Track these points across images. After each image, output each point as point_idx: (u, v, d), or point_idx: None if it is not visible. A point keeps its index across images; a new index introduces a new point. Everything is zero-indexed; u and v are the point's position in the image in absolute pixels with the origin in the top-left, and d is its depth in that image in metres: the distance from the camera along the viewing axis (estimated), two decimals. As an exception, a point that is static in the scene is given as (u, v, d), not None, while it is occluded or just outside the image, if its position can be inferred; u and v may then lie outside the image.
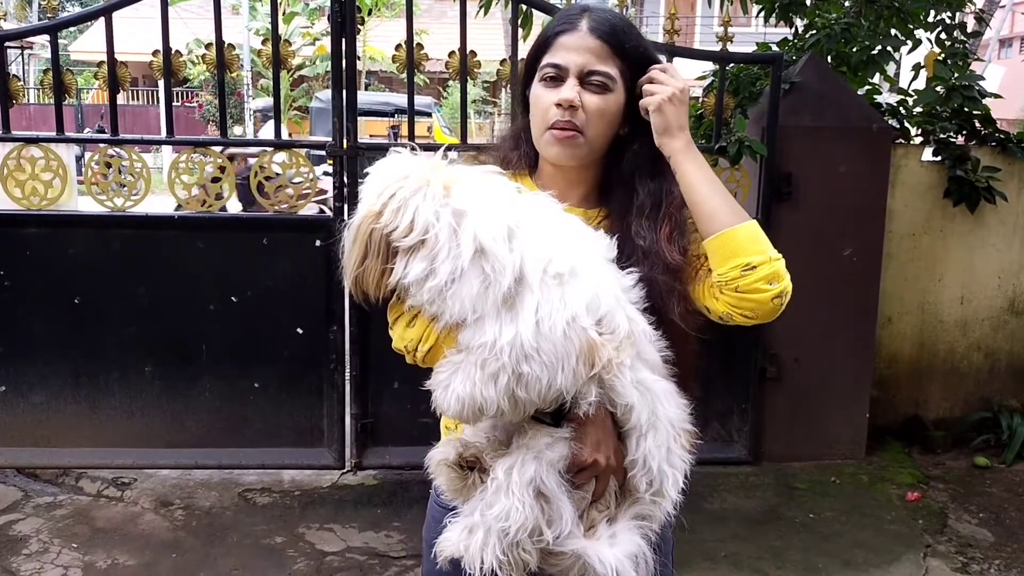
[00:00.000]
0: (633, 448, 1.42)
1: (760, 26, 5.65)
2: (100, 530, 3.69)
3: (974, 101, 4.57)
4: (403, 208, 1.32)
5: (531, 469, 1.35)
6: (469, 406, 1.34)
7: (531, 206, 1.39)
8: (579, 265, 1.35)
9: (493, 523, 1.34)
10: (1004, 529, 3.92)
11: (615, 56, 1.54)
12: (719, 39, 4.12)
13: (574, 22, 1.56)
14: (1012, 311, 4.81)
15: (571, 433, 1.38)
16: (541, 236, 1.35)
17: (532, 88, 1.60)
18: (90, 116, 19.48)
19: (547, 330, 1.29)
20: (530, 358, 1.29)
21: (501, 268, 1.30)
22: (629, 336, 1.38)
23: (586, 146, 1.55)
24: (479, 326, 1.32)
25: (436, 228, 1.31)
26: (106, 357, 3.98)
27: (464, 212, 1.32)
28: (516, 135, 1.70)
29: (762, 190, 4.16)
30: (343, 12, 3.82)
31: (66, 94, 3.91)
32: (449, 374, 1.37)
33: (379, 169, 1.40)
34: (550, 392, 1.32)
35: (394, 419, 4.02)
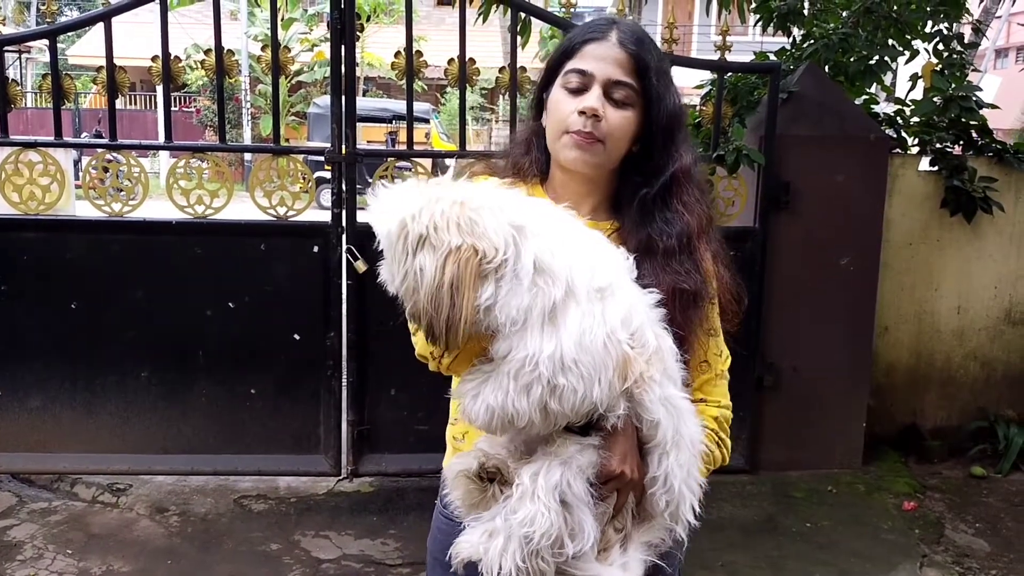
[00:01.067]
0: (655, 465, 1.40)
1: (758, 35, 5.67)
2: (95, 536, 3.67)
3: (971, 111, 4.59)
4: (485, 232, 1.29)
5: (557, 474, 1.33)
6: (499, 416, 1.32)
7: (565, 219, 1.39)
8: (616, 280, 1.35)
9: (516, 529, 1.31)
10: (1000, 539, 3.92)
11: (638, 72, 1.53)
12: (717, 48, 4.13)
13: (603, 32, 1.55)
14: (1008, 321, 4.82)
15: (600, 442, 1.36)
16: (584, 250, 1.34)
17: (552, 92, 1.58)
18: (87, 120, 19.48)
19: (588, 343, 1.28)
20: (568, 370, 1.27)
21: (554, 281, 1.28)
22: (657, 352, 1.37)
23: (604, 155, 1.54)
24: (518, 337, 1.29)
25: (510, 247, 1.28)
26: (102, 362, 3.97)
27: (522, 227, 1.31)
28: (528, 139, 1.68)
29: (760, 199, 4.17)
30: (343, 19, 3.83)
31: (64, 98, 3.92)
32: (479, 383, 1.35)
33: (393, 204, 1.33)
34: (584, 405, 1.30)
35: (391, 426, 4.02)
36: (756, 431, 4.33)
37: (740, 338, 4.53)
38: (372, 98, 21.02)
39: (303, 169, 4.02)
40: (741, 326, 1.65)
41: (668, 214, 1.55)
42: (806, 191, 4.22)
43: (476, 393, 1.34)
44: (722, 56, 4.13)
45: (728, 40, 4.11)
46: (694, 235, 1.55)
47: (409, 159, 4.12)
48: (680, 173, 1.57)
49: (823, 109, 4.31)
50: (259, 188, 3.95)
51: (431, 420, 3.95)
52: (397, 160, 4.14)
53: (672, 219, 1.55)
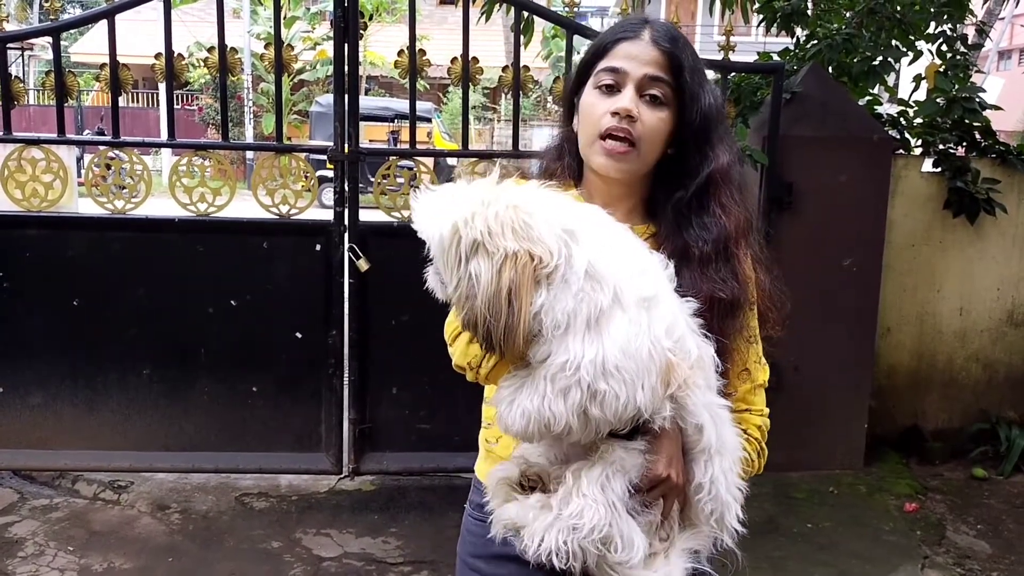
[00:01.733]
0: (702, 471, 1.38)
1: (761, 35, 5.66)
2: (96, 533, 3.68)
3: (974, 113, 4.59)
4: (539, 237, 1.26)
5: (598, 471, 1.31)
6: (536, 421, 1.28)
7: (612, 227, 1.36)
8: (660, 289, 1.33)
9: (566, 518, 1.30)
10: (1002, 541, 3.92)
11: (672, 71, 1.49)
12: (721, 48, 4.13)
13: (636, 31, 1.51)
14: (1011, 323, 4.82)
15: (645, 446, 1.34)
16: (630, 258, 1.32)
17: (583, 95, 1.53)
18: (90, 118, 19.47)
19: (634, 350, 1.25)
20: (610, 375, 1.24)
21: (602, 287, 1.25)
22: (699, 360, 1.36)
23: (639, 161, 1.50)
24: (559, 341, 1.26)
25: (563, 250, 1.26)
26: (104, 359, 3.97)
27: (574, 231, 1.28)
28: (560, 144, 1.64)
29: (763, 199, 4.17)
30: (346, 17, 3.83)
31: (67, 96, 3.92)
32: (514, 389, 1.31)
33: (443, 207, 1.30)
34: (627, 411, 1.27)
35: (392, 424, 4.01)
36: (758, 432, 4.32)
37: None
38: (374, 97, 21.02)
39: (306, 167, 4.02)
40: (784, 332, 1.62)
41: (705, 218, 1.51)
42: (809, 192, 4.22)
43: (512, 399, 1.31)
44: (725, 56, 4.13)
45: (731, 40, 4.11)
46: (732, 240, 1.50)
47: (411, 158, 4.12)
48: (718, 175, 1.52)
49: (826, 110, 4.31)
50: (262, 186, 3.95)
51: (433, 419, 3.96)
52: (399, 159, 4.14)
53: (709, 224, 1.50)
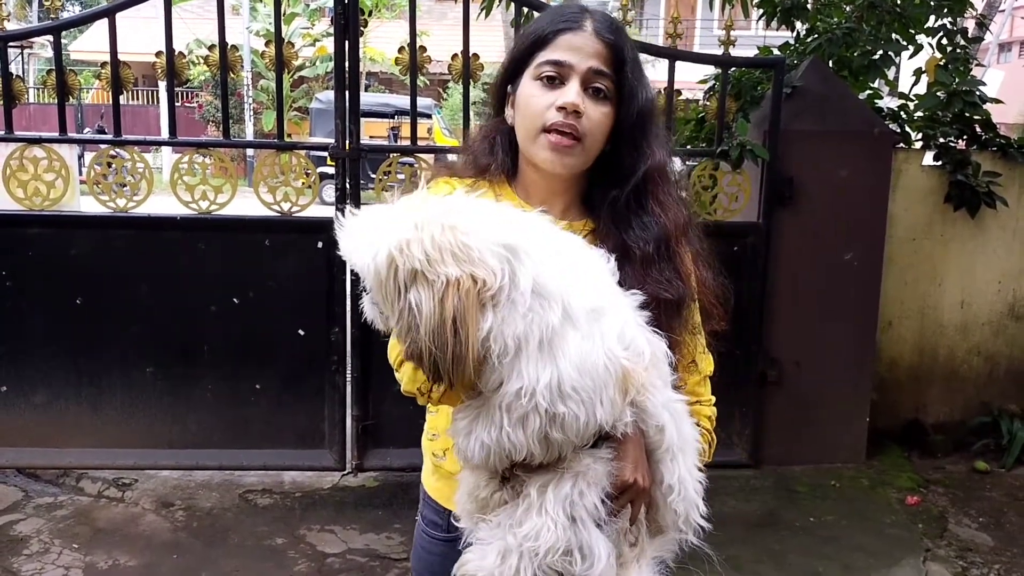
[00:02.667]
0: (669, 472, 1.36)
1: (761, 29, 5.66)
2: (101, 531, 3.69)
3: (975, 106, 4.58)
4: (481, 259, 1.19)
5: (567, 486, 1.27)
6: (496, 453, 1.25)
7: (553, 234, 1.30)
8: (607, 293, 1.29)
9: (524, 543, 1.26)
10: (1004, 533, 3.93)
11: (614, 65, 1.45)
12: (721, 43, 4.13)
13: (578, 20, 1.45)
14: (1012, 316, 4.82)
15: (611, 453, 1.30)
16: (576, 268, 1.27)
17: (522, 86, 1.48)
18: (90, 116, 19.48)
19: (590, 366, 1.21)
20: (568, 397, 1.19)
21: (549, 304, 1.20)
22: (653, 358, 1.32)
23: (583, 155, 1.46)
24: (509, 367, 1.20)
25: (506, 269, 1.19)
26: (108, 357, 3.99)
27: (515, 248, 1.21)
28: (490, 137, 1.57)
29: (764, 194, 4.17)
30: (346, 14, 3.83)
31: (68, 94, 3.92)
32: (470, 420, 1.27)
33: (368, 236, 1.22)
34: (588, 429, 1.24)
35: (395, 421, 4.03)
36: (759, 426, 4.34)
37: (743, 333, 4.53)
38: (374, 93, 21.01)
39: (306, 164, 4.03)
40: (729, 324, 1.60)
41: (644, 217, 1.48)
42: (810, 186, 4.22)
43: (469, 431, 1.27)
44: (726, 51, 4.13)
45: (732, 35, 4.11)
46: (672, 238, 1.48)
47: (412, 154, 4.12)
48: (654, 171, 1.50)
49: (827, 104, 4.31)
50: (263, 184, 3.95)
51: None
52: (401, 156, 4.15)
53: (648, 223, 1.48)
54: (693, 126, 4.94)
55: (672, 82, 4.07)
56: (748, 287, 4.18)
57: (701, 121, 4.87)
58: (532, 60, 1.47)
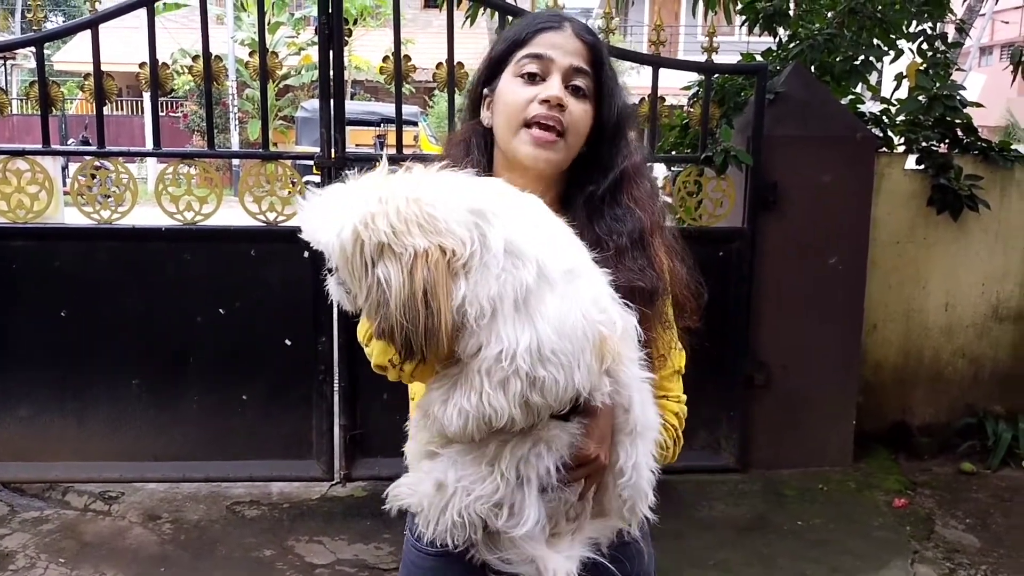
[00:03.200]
0: (625, 455, 1.35)
1: (744, 35, 5.70)
2: (87, 545, 3.66)
3: (955, 110, 4.62)
4: (448, 228, 1.18)
5: (526, 447, 1.26)
6: (475, 418, 1.22)
7: (521, 198, 1.30)
8: (580, 257, 1.29)
9: (461, 482, 1.27)
10: (990, 534, 3.95)
11: (594, 65, 1.48)
12: (704, 50, 4.15)
13: (558, 22, 1.49)
14: (996, 317, 4.86)
15: (580, 427, 1.30)
16: (546, 229, 1.26)
17: (501, 83, 1.49)
18: (74, 126, 19.39)
19: (569, 328, 1.19)
20: (547, 360, 1.18)
21: (523, 263, 1.18)
22: (624, 330, 1.32)
23: (565, 151, 1.47)
24: (487, 331, 1.19)
25: (475, 234, 1.18)
26: (93, 370, 3.97)
27: (483, 211, 1.20)
28: (465, 140, 1.57)
29: (748, 199, 4.19)
30: (330, 24, 3.83)
31: (51, 106, 3.91)
32: (447, 388, 1.25)
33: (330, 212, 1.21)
34: (567, 394, 1.23)
35: (384, 430, 4.02)
36: (747, 430, 4.35)
37: (730, 337, 4.54)
38: (360, 101, 21.00)
39: (292, 174, 4.02)
40: (715, 329, 1.61)
41: (618, 211, 1.50)
42: (794, 191, 4.25)
43: (446, 399, 1.25)
44: (709, 57, 4.15)
45: (715, 41, 4.13)
46: (647, 231, 1.49)
47: (398, 163, 4.11)
48: (631, 169, 1.52)
49: (809, 109, 4.34)
50: (248, 193, 3.95)
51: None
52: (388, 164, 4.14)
53: (623, 216, 1.49)
54: (678, 132, 4.96)
55: (656, 89, 4.09)
56: (734, 292, 4.20)
57: (685, 127, 4.89)
58: (511, 59, 1.49)
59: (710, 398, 4.26)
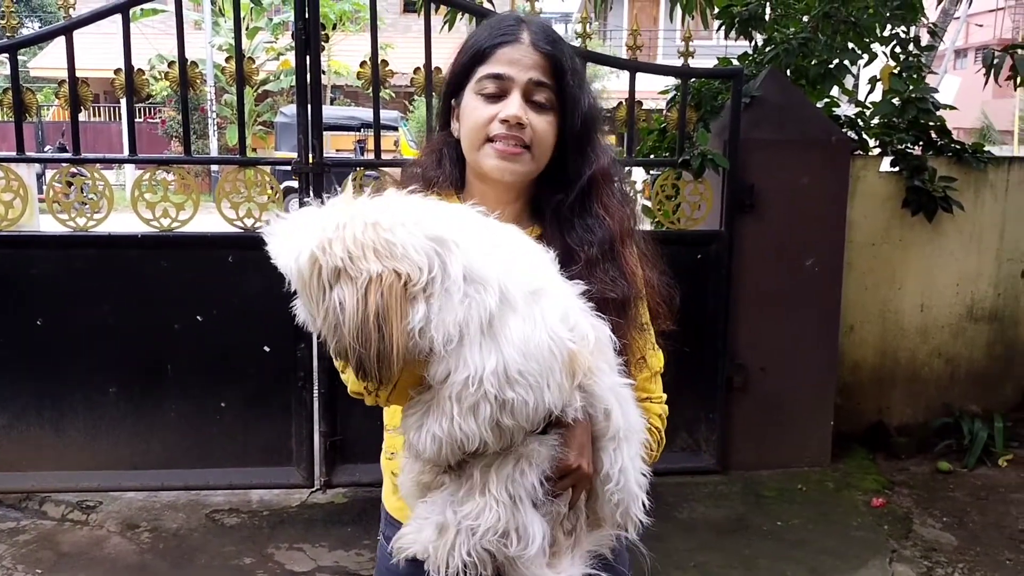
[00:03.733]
0: (610, 460, 1.36)
1: (721, 39, 5.74)
2: (65, 555, 3.63)
3: (928, 112, 4.68)
4: (405, 253, 1.19)
5: (509, 466, 1.28)
6: (448, 444, 1.25)
7: (484, 223, 1.32)
8: (547, 276, 1.30)
9: (463, 521, 1.28)
10: (967, 533, 3.99)
11: (555, 74, 1.46)
12: (681, 54, 4.18)
13: (514, 33, 1.47)
14: (971, 318, 4.91)
15: (558, 439, 1.31)
16: (511, 252, 1.28)
17: (465, 99, 1.49)
18: (50, 133, 19.23)
19: (534, 349, 1.22)
20: (515, 382, 1.21)
21: (485, 289, 1.21)
22: (598, 342, 1.33)
23: (531, 164, 1.48)
24: (455, 356, 1.21)
25: (435, 261, 1.20)
26: (70, 379, 3.94)
27: (443, 239, 1.22)
28: (437, 151, 1.58)
29: (725, 202, 4.22)
30: (307, 29, 3.83)
31: (26, 113, 3.88)
32: (421, 415, 1.28)
33: (292, 237, 1.23)
34: (537, 414, 1.25)
35: (364, 436, 4.01)
36: (726, 432, 4.37)
37: (709, 340, 4.55)
38: (340, 106, 20.94)
39: (270, 180, 4.01)
40: (680, 325, 1.61)
41: (589, 220, 1.50)
42: (770, 194, 4.28)
43: (420, 424, 1.28)
44: (685, 62, 4.18)
45: (693, 45, 4.16)
46: (617, 240, 1.50)
47: (377, 168, 4.12)
48: (599, 175, 1.52)
49: (785, 113, 4.37)
50: (226, 200, 3.93)
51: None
52: (365, 169, 4.14)
53: (593, 225, 1.50)
54: (656, 136, 4.99)
55: (633, 93, 4.11)
56: (712, 294, 4.22)
57: (663, 131, 4.92)
58: (473, 74, 1.48)
59: (690, 400, 4.28)
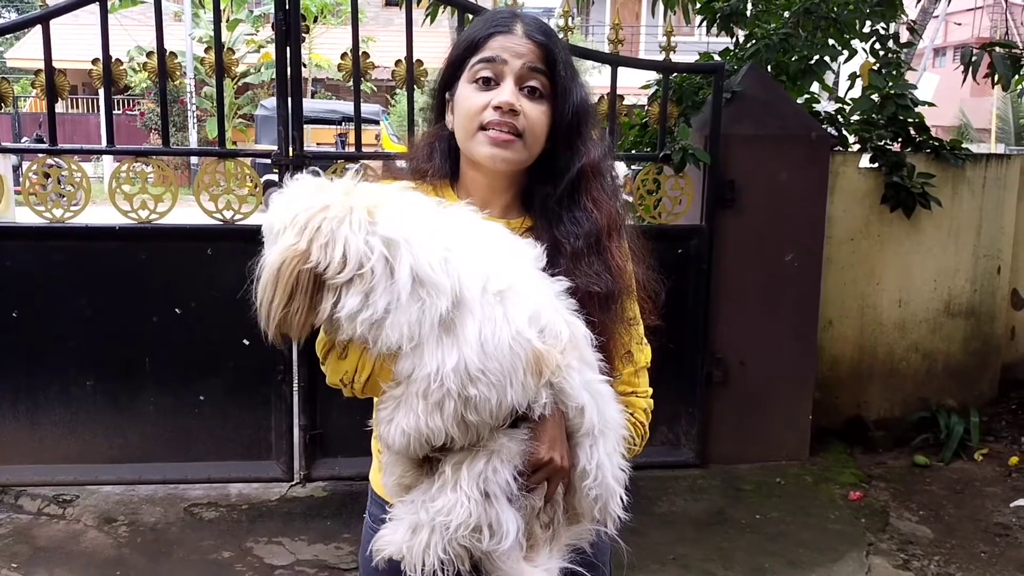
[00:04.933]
0: (587, 456, 1.38)
1: (703, 35, 5.76)
2: (41, 549, 3.60)
3: (907, 109, 4.71)
4: (332, 242, 1.25)
5: (481, 463, 1.31)
6: (415, 439, 1.31)
7: (458, 221, 1.36)
8: (517, 279, 1.33)
9: (436, 518, 1.31)
10: (943, 526, 4.03)
11: (547, 64, 1.48)
12: (662, 49, 4.18)
13: (508, 24, 1.49)
14: (948, 313, 4.96)
15: (527, 433, 1.34)
16: (476, 254, 1.31)
17: (459, 89, 1.51)
18: (28, 124, 19.04)
19: (492, 349, 1.26)
20: (476, 380, 1.26)
21: (438, 293, 1.26)
22: (571, 340, 1.35)
23: (524, 151, 1.48)
24: (418, 354, 1.27)
25: (371, 261, 1.25)
26: (46, 371, 3.90)
27: (396, 241, 1.27)
28: (430, 143, 1.60)
29: (706, 197, 4.23)
30: (287, 20, 3.81)
31: (2, 103, 3.83)
32: (391, 409, 1.34)
33: (290, 197, 1.33)
34: (501, 410, 1.29)
35: (343, 430, 4.00)
36: (705, 426, 4.39)
37: (689, 334, 4.57)
38: (321, 99, 20.85)
39: (250, 172, 3.98)
40: (673, 325, 1.63)
41: (577, 213, 1.51)
42: (751, 189, 4.29)
43: (390, 419, 1.33)
44: (667, 57, 4.18)
45: (675, 40, 4.16)
46: (603, 234, 1.51)
47: (358, 161, 4.10)
48: (588, 168, 1.53)
49: (766, 108, 4.39)
50: (205, 192, 3.90)
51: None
52: (346, 162, 4.12)
53: (580, 218, 1.51)
54: (637, 131, 4.99)
55: (615, 88, 4.11)
56: (693, 289, 4.24)
57: (644, 126, 4.93)
58: (467, 65, 1.50)
59: (670, 394, 4.29)
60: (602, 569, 1.57)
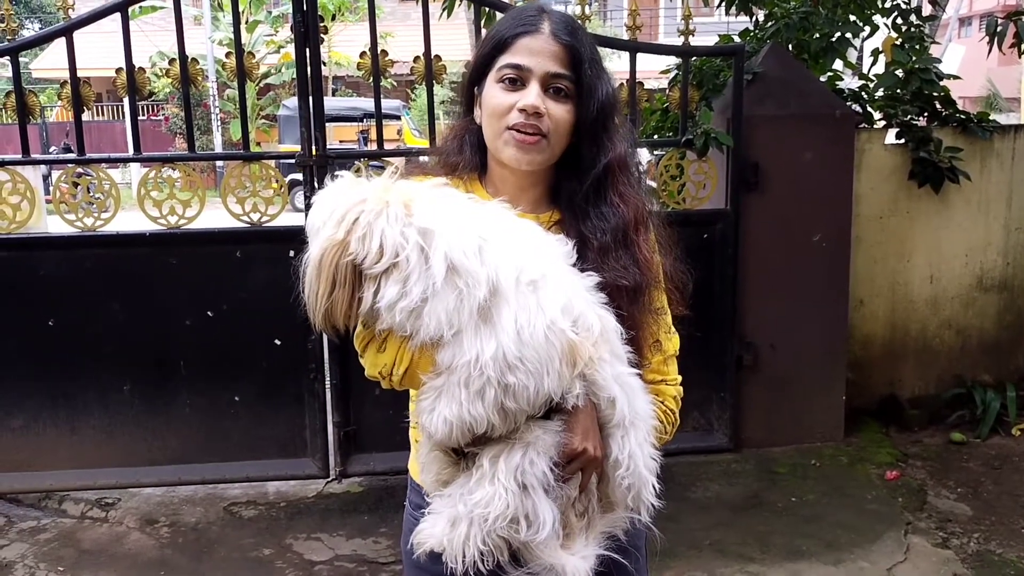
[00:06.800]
0: (619, 446, 1.41)
1: (722, 16, 5.71)
2: (86, 552, 3.67)
3: (932, 83, 4.64)
4: (369, 234, 1.30)
5: (518, 456, 1.35)
6: (458, 427, 1.33)
7: (491, 216, 1.39)
8: (549, 270, 1.36)
9: (474, 511, 1.34)
10: (982, 503, 3.99)
11: (573, 65, 1.50)
12: (681, 33, 4.16)
13: (536, 24, 1.51)
14: (980, 288, 4.89)
15: (561, 425, 1.38)
16: (509, 245, 1.34)
17: (486, 87, 1.54)
18: (55, 134, 19.28)
19: (528, 337, 1.29)
20: (515, 368, 1.29)
21: (475, 282, 1.29)
22: (603, 333, 1.38)
23: (548, 151, 1.51)
24: (457, 344, 1.31)
25: (406, 250, 1.29)
26: (83, 377, 3.96)
27: (431, 230, 1.31)
28: (459, 136, 1.63)
29: (730, 180, 4.21)
30: (306, 20, 3.82)
31: (30, 115, 3.89)
32: (433, 399, 1.36)
33: (330, 195, 1.38)
34: (538, 398, 1.33)
35: (377, 425, 4.04)
36: (737, 410, 4.38)
37: (718, 319, 4.56)
38: (342, 97, 20.91)
39: (275, 173, 4.02)
40: (702, 311, 1.65)
41: (603, 208, 1.54)
42: (775, 170, 4.26)
43: (432, 408, 1.36)
44: (686, 40, 4.16)
45: (695, 22, 4.14)
46: (630, 227, 1.53)
47: (380, 159, 4.12)
48: (615, 163, 1.55)
49: (788, 88, 4.35)
50: (231, 195, 3.94)
51: (416, 417, 3.97)
52: (368, 160, 4.14)
53: (607, 213, 1.53)
54: (658, 116, 4.97)
55: (634, 74, 4.10)
56: (720, 273, 4.22)
57: (666, 111, 4.90)
58: (494, 63, 1.52)
59: (700, 380, 4.28)
60: (636, 555, 1.59)
